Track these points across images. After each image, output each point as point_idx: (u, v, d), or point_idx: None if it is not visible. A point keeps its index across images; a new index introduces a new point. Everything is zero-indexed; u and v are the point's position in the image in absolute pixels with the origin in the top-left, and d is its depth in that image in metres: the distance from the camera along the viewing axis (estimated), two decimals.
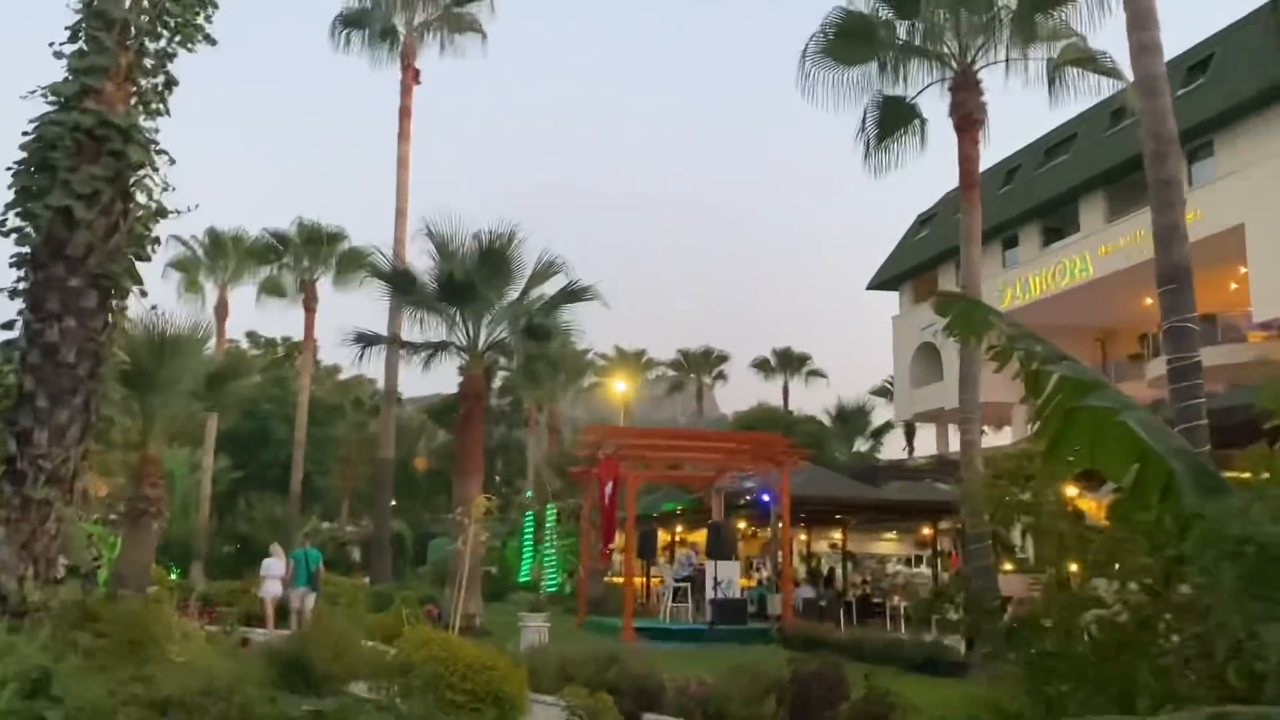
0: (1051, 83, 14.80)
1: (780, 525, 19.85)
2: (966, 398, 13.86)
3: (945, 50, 14.62)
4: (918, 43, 14.75)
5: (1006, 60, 14.79)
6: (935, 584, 30.29)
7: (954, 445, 50.42)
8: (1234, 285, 36.53)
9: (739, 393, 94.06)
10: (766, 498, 22.84)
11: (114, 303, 9.53)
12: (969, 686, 10.05)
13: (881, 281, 50.19)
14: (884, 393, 53.89)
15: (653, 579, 26.32)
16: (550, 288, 20.46)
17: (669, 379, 53.09)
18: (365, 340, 20.64)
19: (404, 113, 24.82)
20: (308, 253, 29.07)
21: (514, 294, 20.34)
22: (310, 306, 29.81)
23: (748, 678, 9.23)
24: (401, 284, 19.80)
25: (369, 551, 36.95)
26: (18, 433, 8.92)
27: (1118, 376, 43.36)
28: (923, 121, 15.77)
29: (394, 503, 32.45)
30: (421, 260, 20.69)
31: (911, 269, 48.23)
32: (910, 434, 50.30)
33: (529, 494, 39.14)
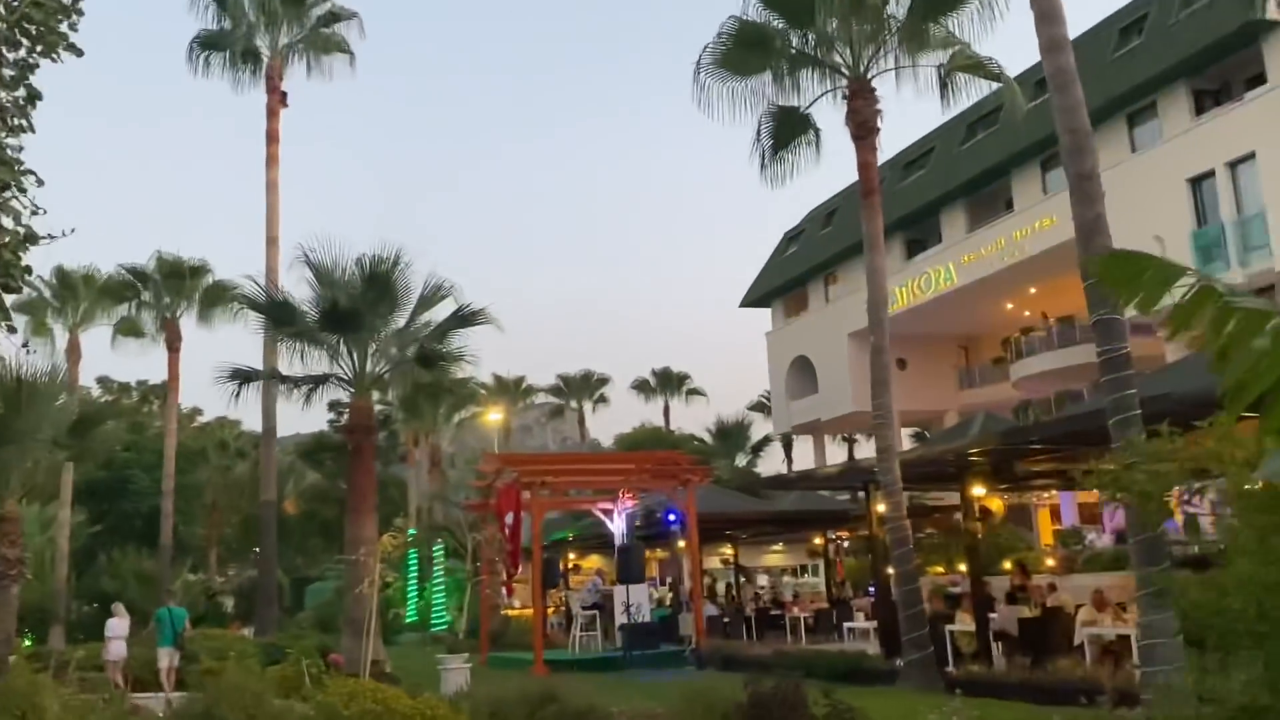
0: (943, 89, 15.07)
1: (687, 544, 19.52)
2: (879, 401, 13.85)
3: (839, 59, 14.69)
4: (811, 52, 14.77)
5: (896, 68, 14.96)
6: (829, 592, 30.52)
7: (833, 455, 51.51)
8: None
9: (619, 415, 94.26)
10: (673, 517, 22.57)
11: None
12: (913, 697, 9.90)
13: (754, 299, 50.84)
14: (761, 408, 54.56)
15: (549, 610, 25.68)
16: (438, 313, 19.73)
17: (547, 406, 52.47)
18: (241, 376, 19.44)
19: (271, 137, 23.67)
20: (168, 288, 27.39)
21: (400, 321, 19.53)
22: (173, 346, 28.07)
23: (702, 704, 8.80)
24: (280, 315, 18.73)
25: (243, 601, 35.03)
26: None
27: (982, 380, 45.00)
28: (817, 131, 15.83)
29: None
30: (299, 290, 19.68)
31: (782, 285, 49.02)
32: (788, 447, 50.98)
33: (412, 531, 37.89)
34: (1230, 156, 28.10)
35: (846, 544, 41.60)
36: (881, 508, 19.30)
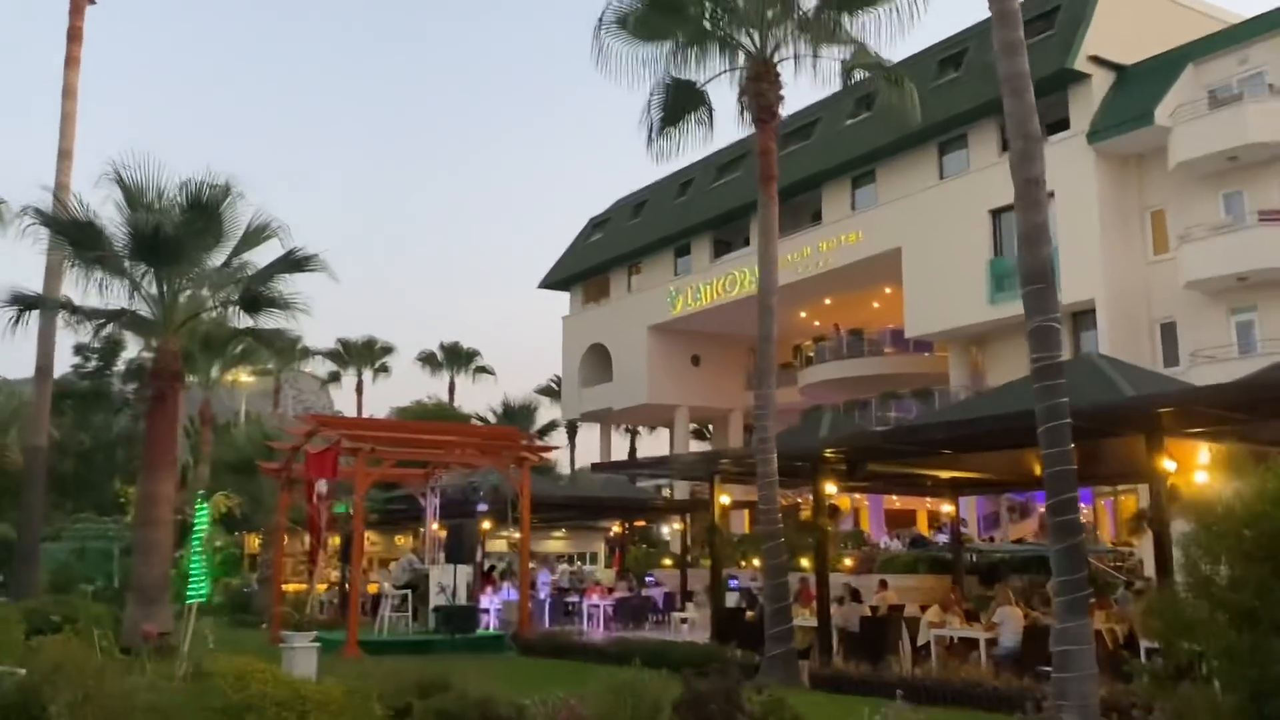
0: (845, 83, 15.03)
1: (519, 526, 18.65)
2: (762, 392, 13.58)
3: (745, 39, 14.32)
4: (721, 26, 14.31)
5: (798, 56, 14.75)
6: (626, 581, 30.25)
7: (617, 445, 51.60)
8: (876, 304, 40.27)
9: (400, 388, 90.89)
10: (483, 506, 21.68)
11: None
12: (783, 692, 9.61)
13: (554, 281, 50.19)
14: (549, 392, 53.94)
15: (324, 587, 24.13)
16: (260, 255, 17.94)
17: (325, 371, 49.61)
18: (24, 303, 16.95)
19: (73, 35, 20.71)
20: None
21: (220, 258, 17.60)
22: None
23: (630, 697, 8.11)
24: (80, 237, 16.36)
25: None
26: None
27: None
28: (711, 109, 15.41)
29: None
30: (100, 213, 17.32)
31: (583, 271, 48.65)
32: (573, 433, 50.65)
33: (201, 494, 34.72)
34: None
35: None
36: (721, 498, 19.29)
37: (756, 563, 24.10)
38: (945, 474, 19.04)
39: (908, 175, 34.31)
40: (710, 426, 51.27)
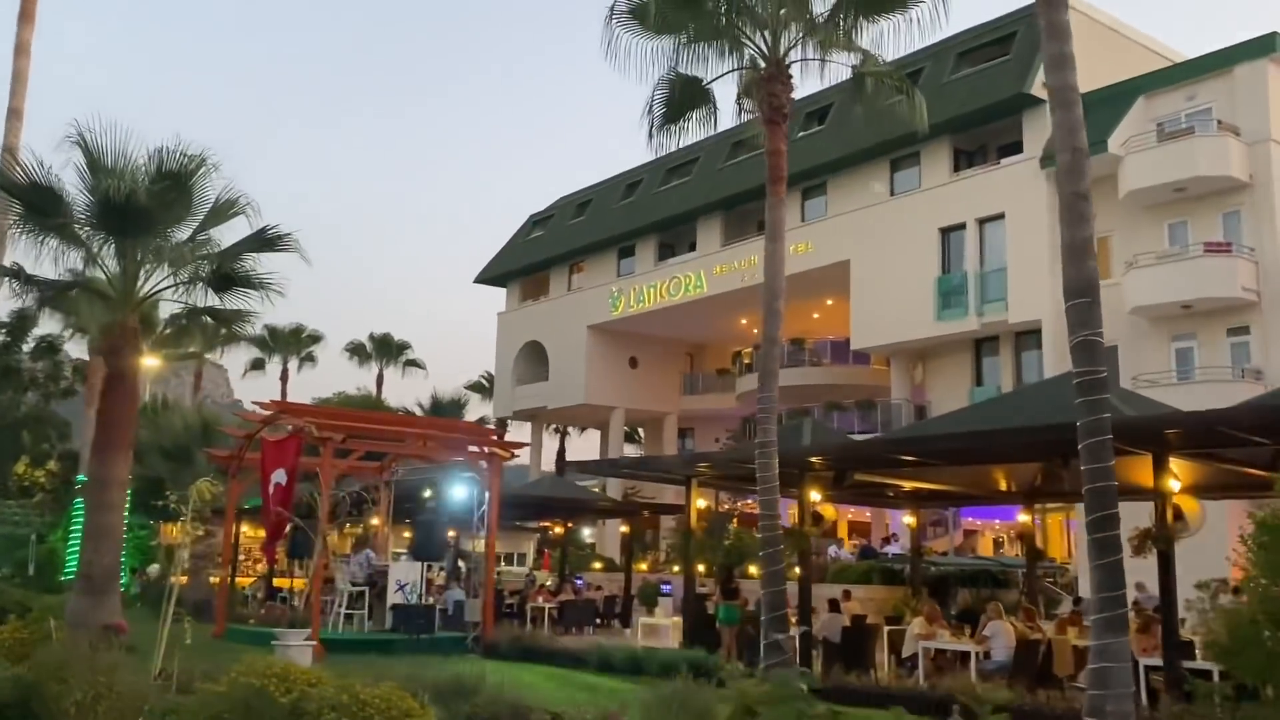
0: (858, 88, 14.96)
1: (485, 524, 18.11)
2: (766, 395, 13.37)
3: (760, 40, 14.13)
4: (734, 26, 14.09)
5: (806, 60, 14.63)
6: (557, 583, 29.80)
7: (548, 445, 51.04)
8: (816, 315, 40.57)
9: (326, 378, 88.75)
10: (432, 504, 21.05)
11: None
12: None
13: (490, 277, 49.45)
14: (479, 388, 53.09)
15: (297, 582, 23.19)
16: (226, 232, 17.12)
17: (247, 358, 47.98)
18: None
19: None
20: None
21: (186, 232, 16.74)
22: None
23: (678, 708, 7.79)
24: (39, 201, 15.33)
25: None
26: None
27: (705, 388, 46.37)
28: (715, 109, 15.19)
29: None
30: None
31: (522, 268, 48.03)
32: (503, 431, 49.84)
33: (82, 477, 33.23)
34: (981, 213, 30.60)
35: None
36: (698, 502, 19.04)
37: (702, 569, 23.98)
38: (909, 485, 19.16)
39: (858, 189, 34.62)
40: (640, 430, 51.08)
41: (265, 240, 16.57)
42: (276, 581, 27.99)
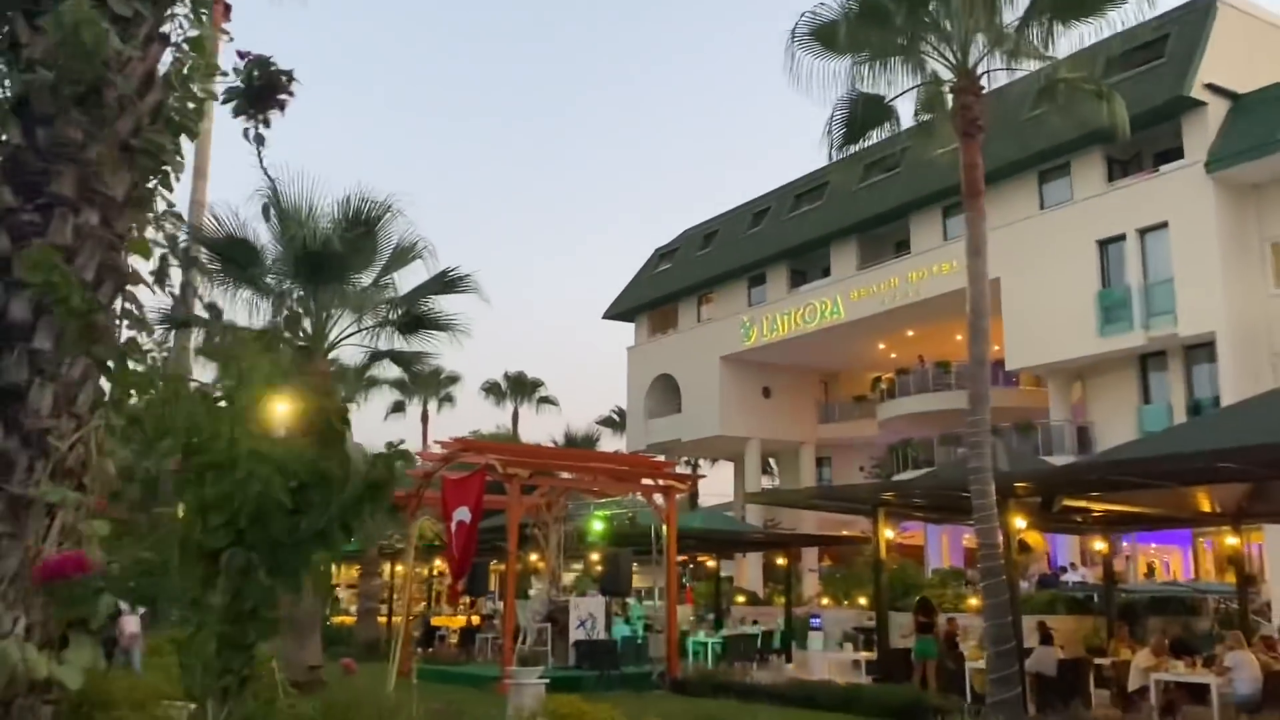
0: (1049, 97, 14.47)
1: (666, 557, 17.89)
2: (977, 419, 12.87)
3: (949, 52, 13.75)
4: (923, 40, 13.75)
5: (992, 70, 14.18)
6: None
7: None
8: (959, 337, 39.45)
9: (461, 418, 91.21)
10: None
11: (152, 196, 6.08)
12: None
13: (618, 312, 49.68)
14: (610, 423, 53.25)
15: (456, 620, 23.32)
16: (406, 275, 17.41)
17: (389, 400, 49.07)
18: (176, 323, 16.39)
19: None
20: None
21: (368, 278, 17.08)
22: None
23: None
24: (237, 254, 15.87)
25: None
26: (0, 390, 5.28)
27: (841, 416, 45.55)
28: (899, 124, 14.85)
29: None
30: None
31: (650, 302, 48.12)
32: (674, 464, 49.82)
33: None
34: (1142, 224, 29.36)
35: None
36: (879, 529, 18.49)
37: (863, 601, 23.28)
38: (1100, 509, 18.27)
39: (1005, 204, 33.58)
40: (772, 460, 50.44)
41: (447, 282, 16.80)
42: (435, 620, 28.27)
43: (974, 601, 25.27)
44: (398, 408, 47.61)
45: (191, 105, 6.21)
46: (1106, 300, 30.03)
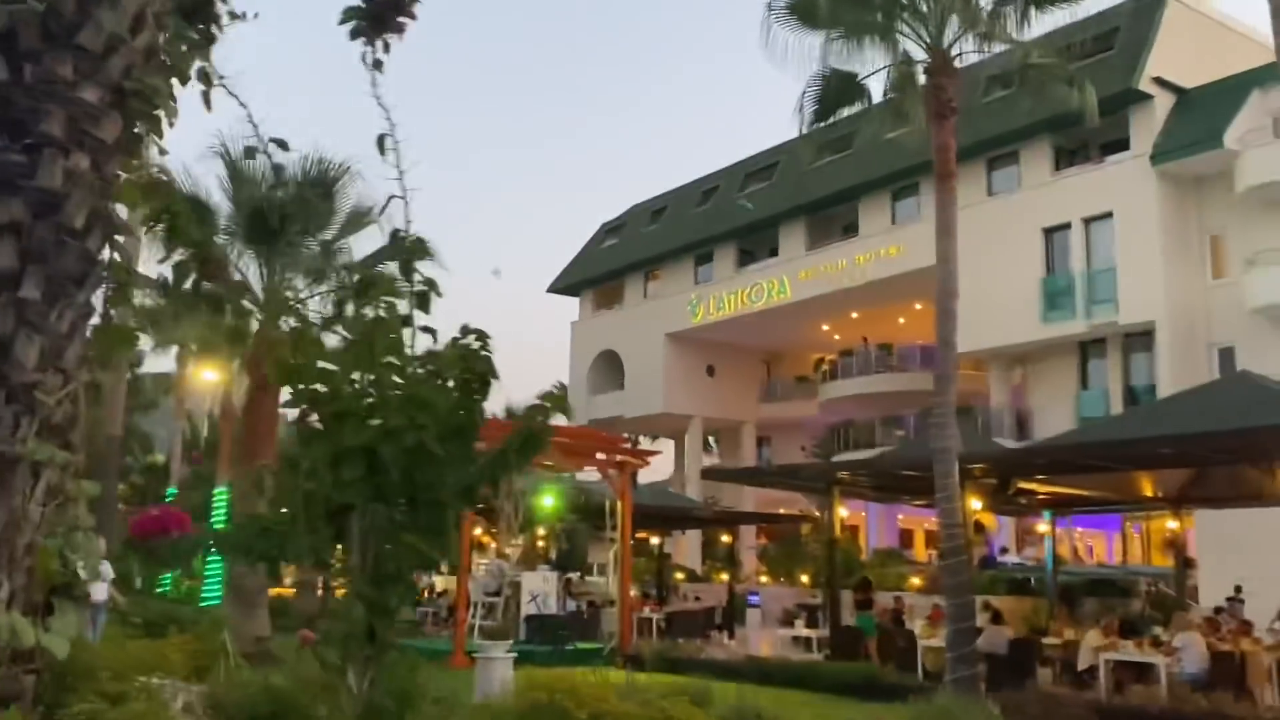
0: (1021, 81, 14.56)
1: (619, 533, 17.82)
2: (942, 399, 12.95)
3: (924, 32, 13.75)
4: (898, 18, 13.72)
5: (958, 53, 14.20)
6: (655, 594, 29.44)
7: None
8: (901, 319, 39.92)
9: None
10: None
11: (142, 139, 5.75)
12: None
13: (563, 286, 49.34)
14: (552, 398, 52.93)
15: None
16: (361, 240, 17.04)
17: None
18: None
19: None
20: None
21: (317, 241, 16.65)
22: None
23: None
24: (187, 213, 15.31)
25: None
26: None
27: (783, 395, 45.86)
28: (870, 104, 14.83)
29: None
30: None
31: (596, 276, 47.87)
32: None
33: (173, 490, 33.51)
34: (1087, 213, 29.88)
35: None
36: (833, 508, 18.60)
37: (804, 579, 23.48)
38: (1047, 491, 18.61)
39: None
40: (711, 439, 50.63)
41: (406, 249, 16.38)
42: None
43: (916, 581, 25.75)
44: None
45: (185, 48, 5.89)
46: (1050, 287, 30.55)
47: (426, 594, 23.91)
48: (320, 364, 3.24)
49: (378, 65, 3.13)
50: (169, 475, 37.37)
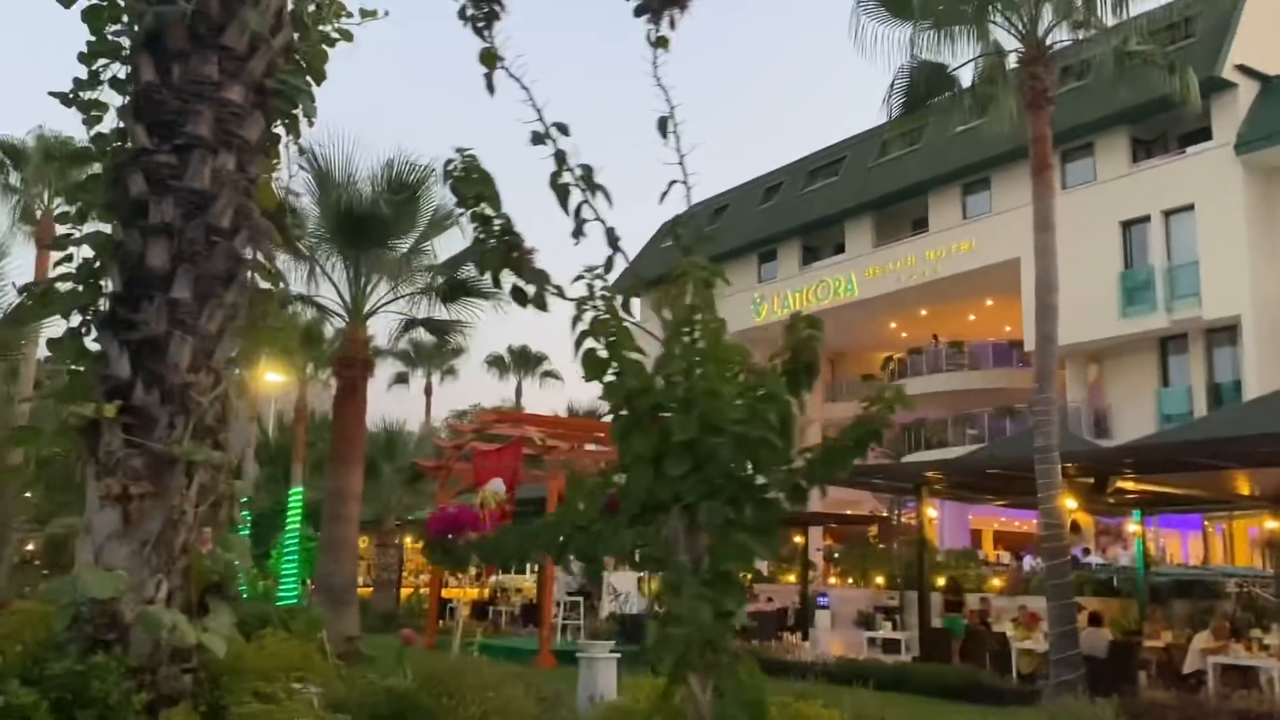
0: (1117, 69, 14.20)
1: None
2: (1043, 396, 12.66)
3: (1018, 21, 13.46)
4: (989, 6, 13.45)
5: (1053, 42, 13.87)
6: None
7: None
8: (972, 316, 39.32)
9: (462, 391, 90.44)
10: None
11: (277, 142, 5.78)
12: None
13: (625, 285, 49.22)
14: None
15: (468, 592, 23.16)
16: (443, 243, 17.10)
17: (392, 371, 48.67)
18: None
19: None
20: (48, 172, 22.37)
21: (405, 245, 16.74)
22: (44, 243, 22.95)
23: None
24: (276, 219, 15.47)
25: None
26: (138, 342, 4.98)
27: (849, 394, 45.31)
28: (960, 96, 14.56)
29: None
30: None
31: (657, 275, 47.63)
32: None
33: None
34: (1167, 205, 29.15)
35: None
36: (929, 512, 18.32)
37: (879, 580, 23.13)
38: (1139, 490, 18.12)
39: (1026, 184, 33.23)
40: None
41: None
42: (445, 592, 28.08)
43: (996, 582, 25.30)
44: (400, 379, 47.23)
45: (325, 46, 5.89)
46: (1129, 282, 29.85)
47: (492, 594, 24.01)
48: (631, 355, 3.16)
49: (661, 42, 3.04)
50: (238, 477, 37.83)
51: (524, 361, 49.97)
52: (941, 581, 23.43)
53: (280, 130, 5.81)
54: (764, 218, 43.18)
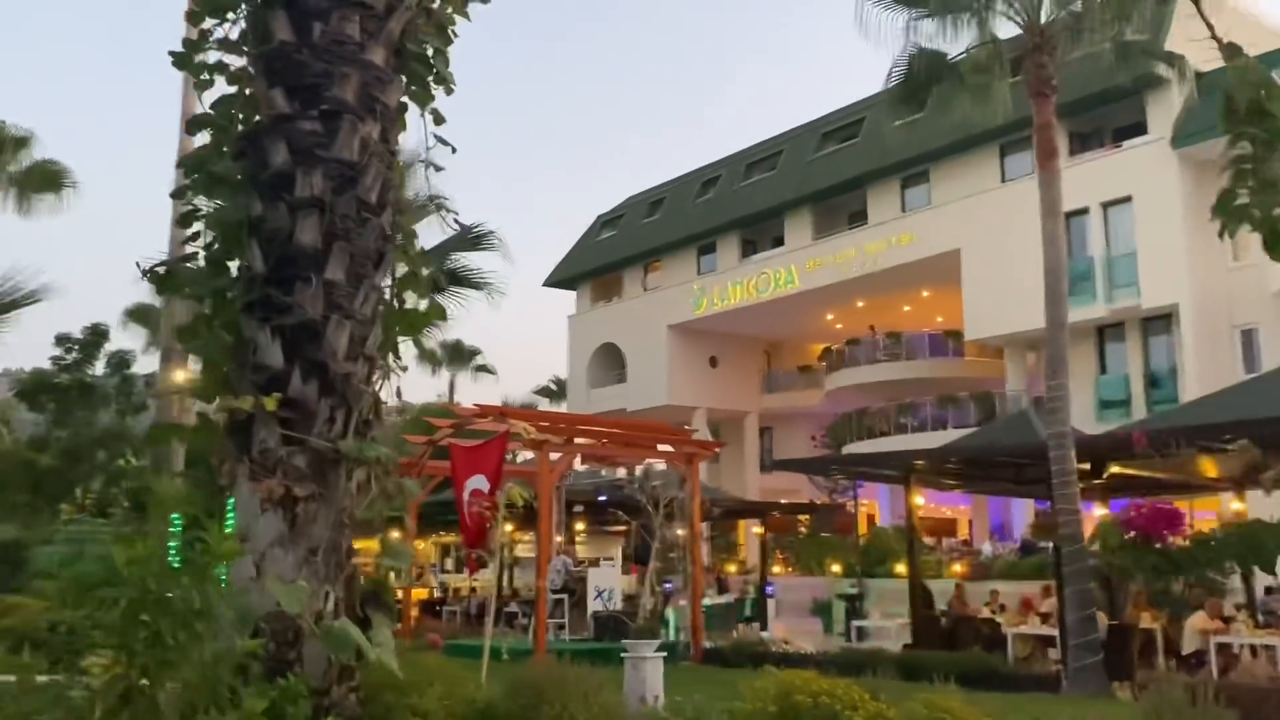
0: (1118, 62, 14.35)
1: (688, 527, 17.43)
2: (1057, 383, 12.73)
3: (1021, 9, 13.51)
4: None
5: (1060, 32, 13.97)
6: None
7: None
8: (907, 308, 39.87)
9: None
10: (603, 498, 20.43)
11: (406, 109, 5.32)
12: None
13: (560, 279, 48.80)
14: (548, 392, 52.42)
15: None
16: (426, 232, 16.48)
17: None
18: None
19: None
20: None
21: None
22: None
23: None
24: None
25: None
26: (293, 328, 4.49)
27: (785, 385, 45.68)
28: (962, 82, 14.55)
29: None
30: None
31: (593, 269, 47.40)
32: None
33: None
34: (1106, 197, 29.90)
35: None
36: (917, 499, 18.36)
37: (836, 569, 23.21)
38: (1125, 475, 18.45)
39: (965, 176, 33.93)
40: (717, 430, 50.38)
41: (471, 240, 15.95)
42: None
43: (958, 568, 25.65)
44: None
45: (450, 9, 5.44)
46: (1070, 273, 30.44)
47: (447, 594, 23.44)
48: None
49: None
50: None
51: (457, 356, 49.15)
52: (902, 569, 23.66)
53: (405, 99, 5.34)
54: (702, 211, 43.12)
